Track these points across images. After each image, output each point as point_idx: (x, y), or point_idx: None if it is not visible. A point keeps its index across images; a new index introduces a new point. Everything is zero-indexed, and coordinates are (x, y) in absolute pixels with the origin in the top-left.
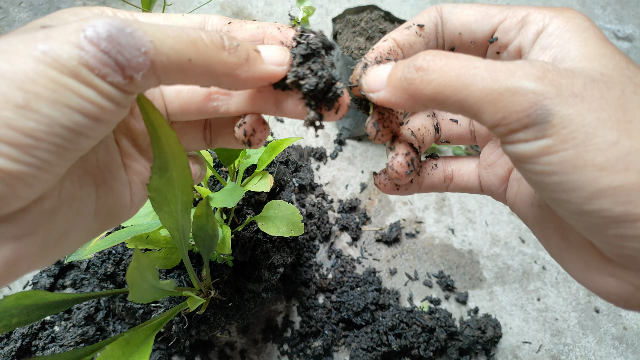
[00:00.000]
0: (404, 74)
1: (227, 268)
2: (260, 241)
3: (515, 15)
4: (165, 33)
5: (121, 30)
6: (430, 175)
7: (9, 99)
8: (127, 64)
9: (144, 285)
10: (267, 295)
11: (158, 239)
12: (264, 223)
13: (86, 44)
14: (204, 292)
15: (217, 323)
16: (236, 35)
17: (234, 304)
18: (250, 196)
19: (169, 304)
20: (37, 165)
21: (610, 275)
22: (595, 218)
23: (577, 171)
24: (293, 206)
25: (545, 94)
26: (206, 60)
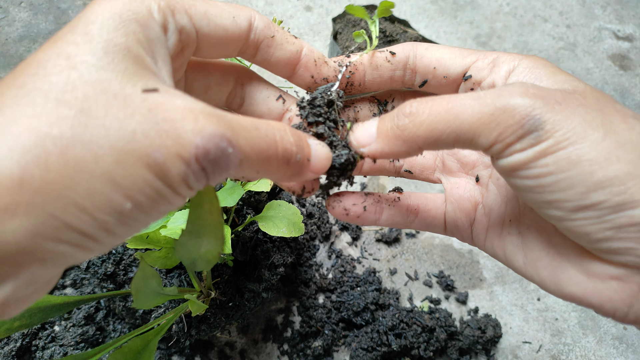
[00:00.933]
0: (394, 123)
1: (227, 268)
2: (260, 241)
3: (486, 57)
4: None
5: (225, 152)
6: (391, 207)
7: (115, 205)
8: (213, 177)
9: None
10: (267, 295)
11: (158, 238)
12: (264, 223)
13: (193, 162)
14: (204, 293)
15: (217, 323)
16: (274, 54)
17: (234, 303)
18: (250, 196)
19: (169, 304)
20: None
21: (612, 279)
22: (592, 212)
23: (572, 167)
24: (293, 206)
25: (533, 105)
26: (270, 171)
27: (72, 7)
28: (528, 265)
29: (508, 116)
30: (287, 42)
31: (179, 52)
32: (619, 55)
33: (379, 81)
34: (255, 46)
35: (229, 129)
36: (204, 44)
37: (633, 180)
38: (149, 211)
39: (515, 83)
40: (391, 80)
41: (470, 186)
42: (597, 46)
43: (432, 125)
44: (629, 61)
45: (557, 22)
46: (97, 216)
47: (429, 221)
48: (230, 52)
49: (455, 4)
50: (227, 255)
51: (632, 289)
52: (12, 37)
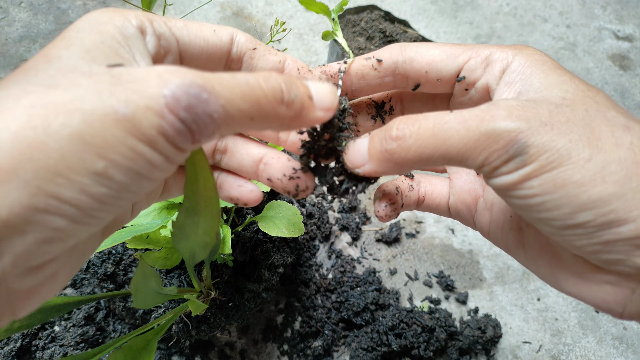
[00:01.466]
0: (383, 147)
1: (227, 268)
2: (260, 241)
3: (479, 54)
4: (233, 92)
5: (198, 98)
6: (408, 197)
7: (89, 165)
8: (198, 131)
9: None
10: (267, 295)
11: (158, 238)
12: (264, 223)
13: (166, 112)
14: (204, 293)
15: (217, 323)
16: (257, 64)
17: (234, 304)
18: None
19: (169, 304)
20: (94, 223)
21: (606, 283)
22: (580, 230)
23: (558, 190)
24: (293, 206)
25: (517, 129)
26: (266, 116)
27: (72, 7)
28: (529, 260)
29: (493, 141)
30: (270, 54)
31: (161, 56)
32: (619, 55)
33: (368, 89)
34: (239, 59)
35: (199, 77)
36: (186, 53)
37: (618, 200)
38: (131, 174)
39: (500, 102)
40: (380, 87)
41: (471, 179)
42: (597, 46)
43: (419, 150)
44: (629, 61)
45: (557, 22)
46: (72, 177)
47: (434, 207)
48: (216, 66)
49: (455, 4)
50: (227, 256)
51: (624, 292)
52: (12, 37)
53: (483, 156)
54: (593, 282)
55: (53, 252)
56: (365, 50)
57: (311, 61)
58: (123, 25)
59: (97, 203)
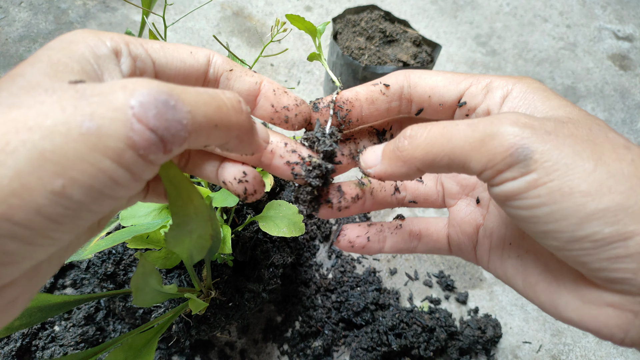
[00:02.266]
0: (395, 145)
1: (227, 268)
2: (260, 241)
3: (479, 82)
4: (198, 99)
5: (167, 105)
6: (394, 234)
7: (46, 184)
8: (170, 140)
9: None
10: (267, 295)
11: (158, 238)
12: (264, 223)
13: (135, 122)
14: (204, 293)
15: (217, 323)
16: (234, 86)
17: (234, 304)
18: None
19: (169, 304)
20: (50, 244)
21: (608, 305)
22: (587, 243)
23: (565, 199)
24: (294, 206)
25: (522, 134)
26: (229, 123)
27: (72, 7)
28: (527, 288)
29: (497, 143)
30: (247, 75)
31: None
32: (619, 55)
33: (377, 114)
34: (216, 80)
35: (165, 86)
36: (162, 75)
37: (625, 211)
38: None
39: (508, 112)
40: (388, 112)
41: (472, 209)
42: (597, 46)
43: (427, 148)
44: (629, 61)
45: (557, 22)
46: (27, 197)
47: (431, 245)
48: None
49: (455, 4)
50: (227, 256)
51: (627, 316)
52: (12, 37)
53: (486, 158)
54: (595, 305)
55: (8, 277)
56: (365, 50)
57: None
58: (95, 45)
59: (53, 224)
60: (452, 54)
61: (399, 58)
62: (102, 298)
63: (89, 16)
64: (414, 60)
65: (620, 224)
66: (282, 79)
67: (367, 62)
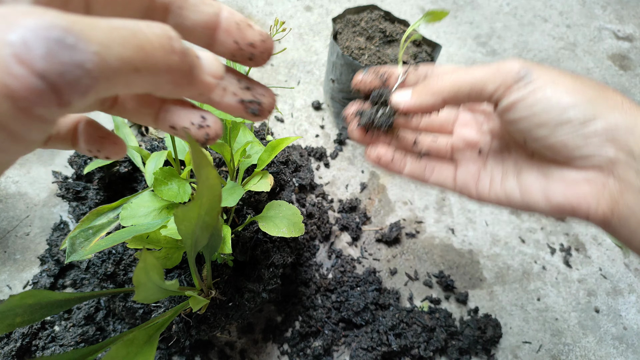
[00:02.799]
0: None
1: (227, 268)
2: (260, 241)
3: None
4: (110, 36)
5: (61, 43)
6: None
7: None
8: (66, 88)
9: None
10: (267, 295)
11: (159, 238)
12: (264, 223)
13: (14, 64)
14: (204, 292)
15: (217, 323)
16: (188, 17)
17: (234, 303)
18: (250, 196)
19: (169, 304)
20: None
21: (585, 182)
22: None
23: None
24: (294, 206)
25: (525, 63)
26: (155, 67)
27: None
28: (524, 194)
29: (508, 69)
30: (203, 3)
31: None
32: (619, 55)
33: None
34: (165, 8)
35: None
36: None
37: (590, 102)
38: None
39: None
40: None
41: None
42: (597, 46)
43: (454, 81)
44: (629, 61)
45: (557, 22)
46: None
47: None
48: (133, 12)
49: (455, 4)
50: (227, 256)
51: (598, 187)
52: None
53: (500, 79)
54: (575, 185)
55: None
56: (365, 49)
57: (311, 61)
58: None
59: None
60: (452, 54)
61: None
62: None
63: None
64: (414, 60)
65: (587, 111)
66: (282, 78)
67: (367, 62)
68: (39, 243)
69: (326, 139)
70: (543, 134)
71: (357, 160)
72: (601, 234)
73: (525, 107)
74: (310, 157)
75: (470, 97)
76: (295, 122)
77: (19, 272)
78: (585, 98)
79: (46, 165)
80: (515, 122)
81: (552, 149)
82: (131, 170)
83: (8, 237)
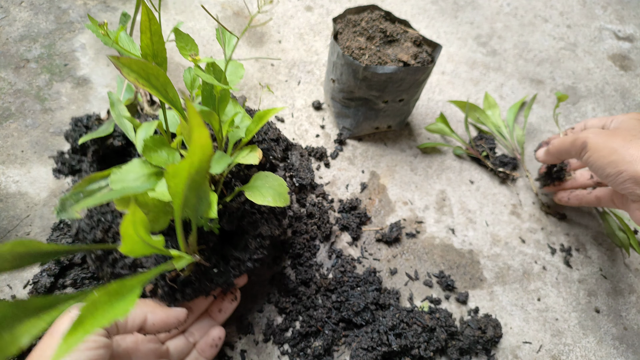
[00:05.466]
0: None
1: (213, 235)
2: (247, 212)
3: None
4: None
5: None
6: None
7: None
8: None
9: (135, 239)
10: (252, 265)
11: (146, 201)
12: (250, 192)
13: None
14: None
15: (202, 287)
16: None
17: (218, 270)
18: (240, 170)
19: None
20: None
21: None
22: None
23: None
24: (280, 178)
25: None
26: None
27: (73, 6)
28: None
29: (579, 142)
30: None
31: None
32: (620, 56)
33: None
34: None
35: None
36: None
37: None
38: None
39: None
40: None
41: None
42: (598, 46)
43: (557, 148)
44: (629, 61)
45: (557, 22)
46: None
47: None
48: None
49: (455, 4)
50: (214, 223)
51: None
52: (12, 37)
53: (575, 149)
54: (635, 211)
55: None
56: (365, 49)
57: (311, 61)
58: None
59: None
60: (453, 54)
61: (400, 58)
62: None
63: None
64: (414, 60)
65: (617, 167)
66: (283, 78)
67: (368, 62)
68: None
69: (326, 139)
70: (605, 182)
71: (358, 160)
72: (601, 234)
73: (589, 166)
74: (310, 157)
75: (569, 155)
76: (295, 122)
77: (19, 271)
78: (618, 158)
79: (46, 165)
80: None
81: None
82: (125, 144)
83: (9, 237)
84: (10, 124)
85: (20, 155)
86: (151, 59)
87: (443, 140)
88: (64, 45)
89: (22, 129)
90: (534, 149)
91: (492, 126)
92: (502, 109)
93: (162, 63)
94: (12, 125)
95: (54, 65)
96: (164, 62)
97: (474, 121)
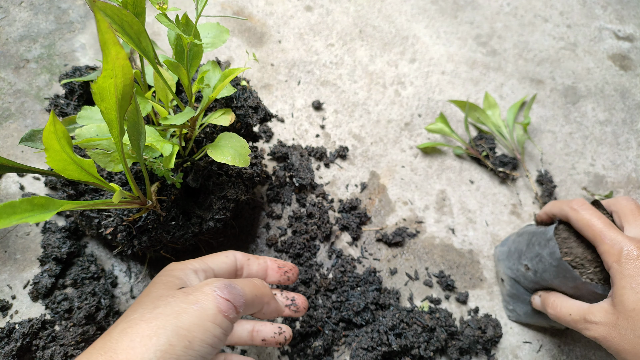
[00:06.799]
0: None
1: (174, 188)
2: (214, 173)
3: None
4: (244, 283)
5: (234, 289)
6: None
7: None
8: (238, 305)
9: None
10: (214, 224)
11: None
12: (213, 150)
13: (220, 300)
14: (141, 200)
15: (158, 238)
16: (251, 267)
17: (177, 223)
18: (214, 132)
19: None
20: None
21: None
22: None
23: None
24: (244, 140)
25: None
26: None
27: (73, 7)
28: None
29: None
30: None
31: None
32: (620, 55)
33: None
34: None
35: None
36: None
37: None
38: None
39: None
40: None
41: None
42: (598, 46)
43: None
44: (629, 61)
45: (557, 22)
46: None
47: None
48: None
49: (455, 4)
50: (177, 177)
51: None
52: (12, 37)
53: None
54: None
55: None
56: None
57: (311, 61)
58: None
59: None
60: (453, 54)
61: None
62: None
63: (89, 16)
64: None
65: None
66: (283, 78)
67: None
68: (39, 243)
69: (326, 139)
70: None
71: (357, 160)
72: None
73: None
74: (310, 157)
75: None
76: (295, 122)
77: (19, 271)
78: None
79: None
80: None
81: None
82: None
83: (9, 237)
84: (10, 124)
85: (20, 156)
86: (132, 8)
87: (443, 140)
88: (64, 45)
89: (22, 129)
90: (533, 149)
91: (492, 126)
92: (502, 109)
93: (140, 14)
94: (12, 126)
95: (54, 65)
96: (142, 13)
97: (474, 121)
